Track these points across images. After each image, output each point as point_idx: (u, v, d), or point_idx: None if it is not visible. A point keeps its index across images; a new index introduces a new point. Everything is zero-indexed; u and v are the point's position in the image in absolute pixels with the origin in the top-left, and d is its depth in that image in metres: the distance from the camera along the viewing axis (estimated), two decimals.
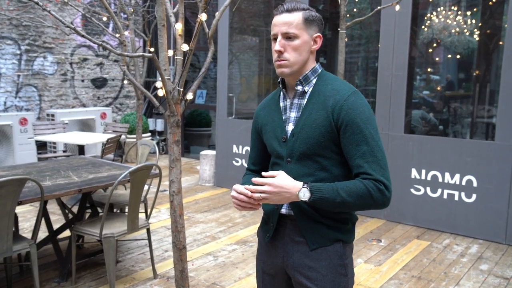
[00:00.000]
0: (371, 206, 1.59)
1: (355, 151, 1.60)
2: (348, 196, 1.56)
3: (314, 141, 1.65)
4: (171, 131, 3.07)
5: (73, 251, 3.53)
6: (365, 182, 1.57)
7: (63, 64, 8.07)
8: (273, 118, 1.81)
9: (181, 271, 3.14)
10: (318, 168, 1.67)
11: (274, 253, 1.78)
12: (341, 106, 1.62)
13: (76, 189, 3.33)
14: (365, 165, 1.58)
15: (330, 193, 1.56)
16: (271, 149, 1.80)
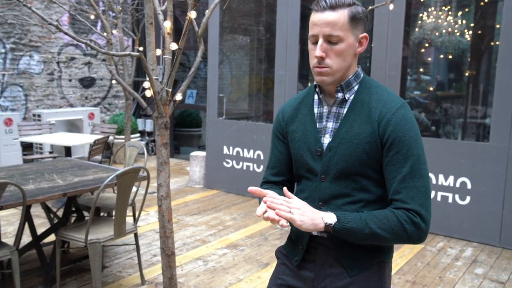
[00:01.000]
0: (405, 240, 1.40)
1: (395, 173, 1.41)
2: (378, 228, 1.38)
3: (355, 159, 1.44)
4: (159, 133, 2.95)
5: (57, 257, 3.40)
6: (397, 212, 1.39)
7: (50, 63, 7.90)
8: (304, 125, 1.56)
9: (169, 278, 3.03)
10: (357, 188, 1.47)
11: (301, 276, 1.58)
12: (388, 120, 1.41)
13: (61, 193, 3.20)
14: (403, 191, 1.39)
15: (358, 223, 1.38)
16: (300, 161, 1.57)
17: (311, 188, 1.54)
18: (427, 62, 7.59)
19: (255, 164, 6.17)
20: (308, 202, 1.51)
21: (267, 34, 8.91)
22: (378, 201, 1.48)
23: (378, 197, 1.48)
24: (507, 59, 4.35)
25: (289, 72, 5.77)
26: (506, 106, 4.39)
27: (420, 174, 1.40)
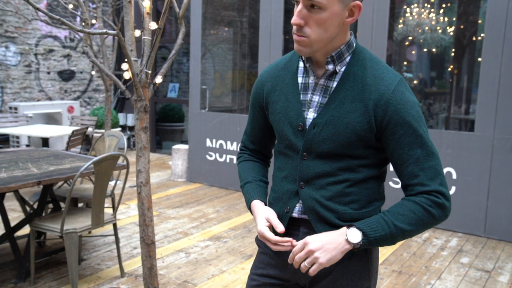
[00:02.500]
0: (432, 226, 1.30)
1: (407, 156, 1.28)
2: (408, 225, 1.26)
3: (344, 139, 1.30)
4: (139, 117, 2.83)
5: (31, 249, 3.25)
6: (420, 200, 1.27)
7: (27, 55, 7.67)
8: (286, 95, 1.41)
9: (149, 268, 2.91)
10: (343, 168, 1.33)
11: (283, 263, 1.44)
12: (387, 100, 1.27)
13: (35, 181, 3.06)
14: (421, 173, 1.28)
15: (385, 229, 1.26)
16: (281, 135, 1.43)
17: (291, 166, 1.41)
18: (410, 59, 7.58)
19: None
20: (287, 181, 1.41)
21: (250, 29, 8.81)
22: (366, 181, 1.36)
23: (365, 178, 1.35)
24: (492, 49, 4.33)
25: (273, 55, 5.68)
26: (491, 95, 4.36)
27: (432, 152, 1.29)
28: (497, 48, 4.27)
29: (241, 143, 1.66)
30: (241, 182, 1.55)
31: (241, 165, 1.60)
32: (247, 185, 1.52)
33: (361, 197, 1.35)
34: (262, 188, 1.52)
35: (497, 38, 4.28)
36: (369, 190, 1.37)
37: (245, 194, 1.51)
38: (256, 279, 1.51)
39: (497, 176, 4.41)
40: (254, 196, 1.48)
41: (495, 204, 4.43)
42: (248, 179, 1.53)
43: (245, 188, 1.52)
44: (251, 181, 1.53)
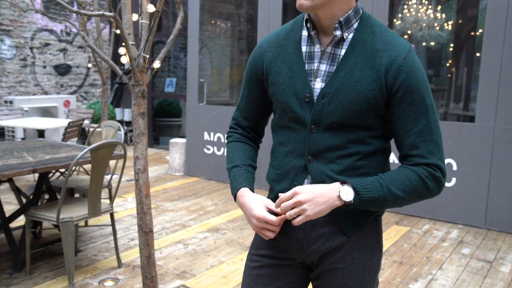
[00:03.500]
0: (424, 198, 1.28)
1: (411, 126, 1.25)
2: (402, 191, 1.23)
3: (355, 108, 1.25)
4: (136, 102, 2.78)
5: (27, 239, 3.19)
6: (418, 170, 1.24)
7: (22, 49, 7.59)
8: (290, 66, 1.33)
9: (147, 256, 2.86)
10: (353, 140, 1.28)
11: (288, 242, 1.37)
12: (399, 66, 1.23)
13: (30, 169, 3.00)
14: (421, 145, 1.25)
15: (379, 191, 1.22)
16: (285, 108, 1.34)
17: (297, 140, 1.33)
18: None
19: None
20: (293, 156, 1.34)
21: (248, 25, 8.76)
22: (375, 154, 1.31)
23: (375, 150, 1.31)
24: (493, 38, 4.29)
25: None
26: (492, 85, 4.33)
27: (435, 125, 1.26)
28: (499, 38, 4.23)
29: (233, 120, 1.56)
30: (229, 164, 1.47)
31: (231, 146, 1.52)
32: (235, 169, 1.44)
33: (371, 170, 1.31)
34: (251, 174, 1.44)
35: (498, 27, 4.24)
36: (378, 163, 1.33)
37: (232, 178, 1.43)
38: (258, 259, 1.43)
39: (498, 167, 4.37)
40: (243, 183, 1.39)
41: (496, 195, 4.40)
42: (237, 163, 1.45)
43: (232, 172, 1.44)
44: (240, 165, 1.44)
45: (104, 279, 3.21)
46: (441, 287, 3.23)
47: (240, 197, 1.38)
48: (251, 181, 1.42)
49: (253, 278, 1.43)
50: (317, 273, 1.38)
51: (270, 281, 1.41)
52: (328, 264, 1.34)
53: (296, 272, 1.41)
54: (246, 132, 1.53)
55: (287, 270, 1.41)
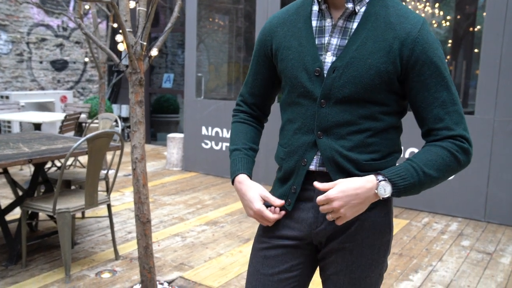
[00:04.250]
0: (456, 172, 1.25)
1: (433, 99, 1.22)
2: (436, 171, 1.20)
3: (367, 82, 1.22)
4: (133, 90, 2.74)
5: (23, 231, 3.15)
6: (447, 145, 1.21)
7: (18, 44, 7.54)
8: (300, 40, 1.30)
9: (145, 247, 2.82)
10: (364, 115, 1.25)
11: (296, 221, 1.34)
12: (414, 39, 1.20)
13: (26, 159, 2.96)
14: (446, 117, 1.22)
15: (414, 176, 1.18)
16: (294, 83, 1.31)
17: (306, 116, 1.30)
18: None
19: None
20: (302, 133, 1.31)
21: (246, 22, 8.72)
22: (387, 131, 1.28)
23: (387, 126, 1.27)
24: (493, 29, 4.26)
25: None
26: (492, 76, 4.30)
27: (456, 96, 1.23)
28: (499, 28, 4.20)
29: (239, 97, 1.53)
30: (231, 146, 1.46)
31: (235, 126, 1.50)
32: (235, 152, 1.43)
33: (382, 147, 1.27)
34: (251, 158, 1.43)
35: (498, 17, 4.21)
36: (390, 141, 1.29)
37: (231, 162, 1.42)
38: (266, 241, 1.40)
39: (497, 160, 4.35)
40: (241, 169, 1.38)
41: (496, 188, 4.38)
42: (238, 146, 1.44)
43: (232, 155, 1.43)
44: (240, 148, 1.43)
45: (101, 271, 3.18)
46: (442, 278, 3.21)
47: (238, 183, 1.37)
48: (250, 166, 1.40)
49: (260, 260, 1.40)
50: (325, 253, 1.35)
51: (277, 263, 1.37)
52: (336, 244, 1.31)
53: (304, 254, 1.38)
54: (252, 110, 1.51)
55: (295, 252, 1.37)
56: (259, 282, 1.39)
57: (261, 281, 1.39)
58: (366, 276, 1.32)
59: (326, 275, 1.38)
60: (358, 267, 1.31)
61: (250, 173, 1.39)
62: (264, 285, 1.39)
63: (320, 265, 1.40)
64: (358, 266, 1.31)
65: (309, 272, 1.41)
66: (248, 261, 1.46)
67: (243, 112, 1.51)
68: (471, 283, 3.15)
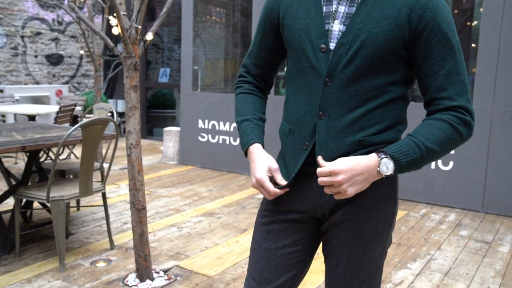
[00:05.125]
0: (458, 145, 1.23)
1: (438, 67, 1.19)
2: (438, 145, 1.18)
3: (374, 52, 1.18)
4: (128, 75, 2.70)
5: (16, 219, 3.10)
6: (448, 118, 1.19)
7: (13, 37, 7.47)
8: (307, 11, 1.26)
9: (140, 234, 2.79)
10: (370, 88, 1.21)
11: (299, 194, 1.31)
12: (424, 5, 1.16)
13: (19, 146, 2.91)
14: (450, 87, 1.19)
15: (417, 151, 1.16)
16: (299, 57, 1.28)
17: (310, 93, 1.26)
18: None
19: (232, 137, 5.94)
20: (305, 111, 1.27)
21: (243, 18, 8.68)
22: (393, 102, 1.24)
23: (394, 97, 1.24)
24: (491, 17, 4.24)
25: None
26: (490, 66, 4.28)
27: (462, 66, 1.20)
28: (497, 17, 4.17)
29: (243, 68, 1.50)
30: (238, 117, 1.42)
31: (240, 98, 1.47)
32: (245, 123, 1.40)
33: (386, 119, 1.24)
34: (261, 128, 1.40)
35: (496, 5, 4.19)
36: (395, 112, 1.25)
37: (242, 133, 1.39)
38: (268, 215, 1.37)
39: (495, 150, 4.33)
40: (254, 139, 1.36)
41: (494, 179, 4.36)
42: (247, 116, 1.41)
43: (242, 126, 1.40)
44: (250, 119, 1.40)
45: (96, 260, 3.14)
46: (440, 266, 3.18)
47: (251, 153, 1.35)
48: (261, 136, 1.38)
49: (263, 235, 1.37)
50: (328, 225, 1.31)
51: (281, 237, 1.35)
52: (340, 216, 1.28)
53: (307, 228, 1.35)
54: (256, 81, 1.48)
55: (299, 226, 1.34)
56: (262, 256, 1.37)
57: (264, 256, 1.36)
58: (370, 249, 1.28)
59: (329, 249, 1.34)
60: (362, 240, 1.27)
61: (262, 142, 1.37)
62: (267, 260, 1.36)
63: (323, 240, 1.37)
64: (361, 238, 1.27)
65: (312, 248, 1.39)
66: (251, 240, 1.44)
67: (248, 83, 1.49)
68: (469, 271, 3.12)
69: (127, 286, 2.78)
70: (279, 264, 1.36)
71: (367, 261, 1.29)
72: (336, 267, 1.32)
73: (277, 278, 1.36)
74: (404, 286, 2.88)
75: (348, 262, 1.30)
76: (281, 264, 1.36)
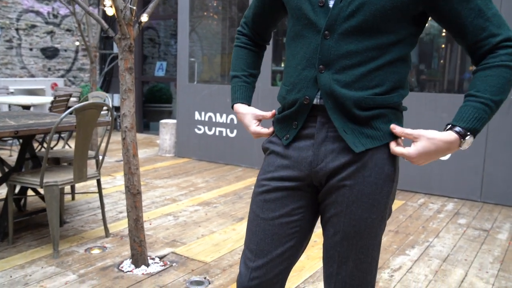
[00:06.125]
0: None
1: (468, 11, 1.13)
2: (503, 94, 1.13)
3: (377, 9, 1.13)
4: (123, 57, 2.66)
5: (9, 206, 3.06)
6: (501, 59, 1.13)
7: (7, 30, 7.40)
8: None
9: (135, 219, 2.75)
10: (370, 46, 1.17)
11: (296, 161, 1.28)
12: None
13: (12, 131, 2.86)
14: (488, 24, 1.13)
15: (487, 111, 1.12)
16: (298, 15, 1.24)
17: (309, 49, 1.22)
18: None
19: (228, 129, 5.90)
20: (304, 67, 1.24)
21: (239, 13, 8.63)
22: (394, 63, 1.19)
23: (395, 58, 1.19)
24: None
25: None
26: None
27: (490, 0, 1.15)
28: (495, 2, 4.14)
29: (243, 18, 1.52)
30: (231, 71, 1.50)
31: (236, 51, 1.53)
32: (234, 79, 1.48)
33: (386, 81, 1.19)
34: (249, 85, 1.49)
35: None
36: (396, 75, 1.21)
37: (231, 89, 1.50)
38: (266, 184, 1.33)
39: (493, 139, 4.31)
40: (239, 98, 1.46)
41: (492, 168, 4.34)
42: (238, 73, 1.49)
43: (232, 82, 1.49)
44: (240, 76, 1.48)
45: (91, 247, 3.09)
46: (439, 253, 3.16)
47: (235, 112, 1.47)
48: (248, 94, 1.47)
49: (260, 204, 1.33)
50: (325, 192, 1.27)
51: (278, 206, 1.31)
52: (336, 181, 1.23)
53: (305, 197, 1.31)
54: (252, 34, 1.52)
55: (296, 194, 1.30)
56: (259, 227, 1.33)
57: (261, 226, 1.32)
58: (367, 217, 1.24)
59: (326, 218, 1.30)
60: (359, 207, 1.23)
61: (248, 100, 1.46)
62: (264, 230, 1.32)
63: (320, 209, 1.33)
64: (358, 205, 1.23)
65: (311, 218, 1.34)
66: (248, 217, 1.40)
67: (245, 36, 1.52)
68: (468, 257, 3.10)
69: (122, 271, 2.74)
70: (276, 234, 1.32)
71: (365, 230, 1.25)
72: (333, 236, 1.29)
73: (274, 249, 1.32)
74: (402, 271, 2.85)
75: (345, 231, 1.26)
76: (278, 234, 1.32)
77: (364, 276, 1.29)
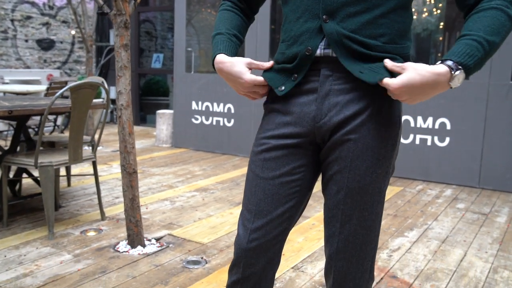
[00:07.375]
0: (509, 32, 1.12)
1: None
2: (497, 35, 1.08)
3: None
4: (118, 33, 2.62)
5: (4, 188, 3.02)
6: (496, 3, 1.09)
7: (2, 20, 7.34)
8: None
9: (131, 199, 2.72)
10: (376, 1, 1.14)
11: (298, 117, 1.23)
12: None
13: (6, 110, 2.82)
14: None
15: (480, 49, 1.06)
16: None
17: (310, 1, 1.18)
18: None
19: (226, 119, 5.87)
20: (305, 20, 1.19)
21: None
22: (396, 11, 1.16)
23: (396, 5, 1.15)
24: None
25: (259, 45, 5.49)
26: None
27: None
28: None
29: None
30: (214, 31, 1.35)
31: (220, 14, 1.39)
32: (217, 36, 1.32)
33: (392, 30, 1.16)
34: (234, 44, 1.32)
35: None
36: (400, 24, 1.17)
37: (213, 45, 1.32)
38: (265, 142, 1.28)
39: (492, 125, 4.29)
40: (222, 50, 1.28)
41: (490, 154, 4.32)
42: (221, 30, 1.33)
43: (214, 39, 1.32)
44: (224, 33, 1.32)
45: (87, 230, 3.06)
46: (437, 235, 3.13)
47: (219, 63, 1.26)
48: (233, 51, 1.29)
49: (259, 164, 1.28)
50: (328, 148, 1.23)
51: (278, 165, 1.26)
52: (340, 136, 1.19)
53: (306, 155, 1.26)
54: (240, 3, 1.40)
55: (297, 152, 1.26)
56: (258, 187, 1.28)
57: (260, 186, 1.27)
58: (372, 172, 1.20)
59: (328, 176, 1.25)
60: (364, 162, 1.19)
61: (231, 55, 1.28)
62: (264, 190, 1.27)
63: (322, 168, 1.28)
64: (363, 160, 1.19)
65: (311, 177, 1.30)
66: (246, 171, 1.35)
67: (231, 1, 1.41)
68: (467, 238, 3.08)
69: (117, 252, 2.71)
70: (277, 194, 1.28)
71: (369, 185, 1.21)
72: (336, 194, 1.24)
73: (274, 209, 1.28)
74: (401, 251, 2.83)
75: (349, 187, 1.22)
76: (279, 194, 1.28)
77: (367, 233, 1.26)
